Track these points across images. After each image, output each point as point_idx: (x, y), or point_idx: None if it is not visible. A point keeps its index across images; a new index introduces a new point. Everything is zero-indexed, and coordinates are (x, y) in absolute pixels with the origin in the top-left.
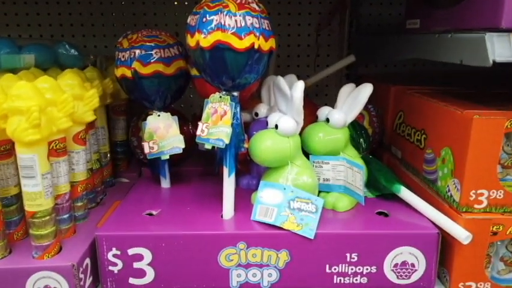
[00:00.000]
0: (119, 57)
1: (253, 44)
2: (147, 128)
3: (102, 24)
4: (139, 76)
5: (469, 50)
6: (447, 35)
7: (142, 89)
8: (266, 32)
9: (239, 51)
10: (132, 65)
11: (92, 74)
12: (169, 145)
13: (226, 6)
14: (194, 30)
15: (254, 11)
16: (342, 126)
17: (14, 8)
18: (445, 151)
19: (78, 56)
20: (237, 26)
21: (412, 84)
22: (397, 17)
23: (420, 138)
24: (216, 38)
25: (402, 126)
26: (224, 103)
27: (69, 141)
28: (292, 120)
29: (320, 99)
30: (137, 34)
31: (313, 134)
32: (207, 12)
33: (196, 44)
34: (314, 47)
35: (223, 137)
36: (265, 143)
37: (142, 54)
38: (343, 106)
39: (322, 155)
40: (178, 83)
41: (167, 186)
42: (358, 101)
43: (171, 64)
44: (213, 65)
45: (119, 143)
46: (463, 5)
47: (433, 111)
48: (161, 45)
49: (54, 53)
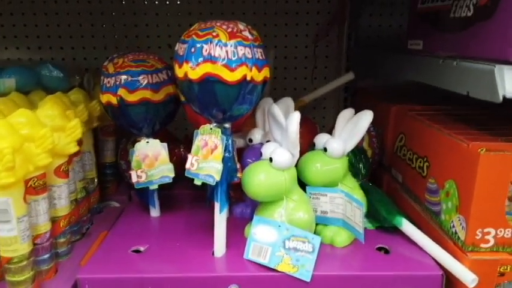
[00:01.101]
0: (104, 83)
1: (245, 76)
2: (135, 156)
3: (92, 36)
4: (125, 104)
5: (476, 82)
6: (453, 62)
7: (129, 117)
8: (259, 62)
9: (230, 84)
10: (117, 92)
11: (77, 96)
12: (158, 174)
13: (216, 35)
14: (182, 60)
15: (246, 40)
16: (341, 156)
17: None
18: (449, 184)
19: (63, 77)
20: (228, 57)
21: (413, 100)
22: (398, 29)
23: (422, 165)
24: (205, 70)
25: (403, 149)
26: (215, 136)
27: (50, 174)
28: (287, 153)
29: (318, 112)
30: (123, 58)
31: (310, 164)
32: (195, 41)
33: (185, 75)
34: (312, 58)
35: (213, 173)
36: (259, 176)
37: (128, 81)
38: (341, 134)
39: (320, 186)
40: (167, 109)
41: (156, 215)
42: (358, 130)
43: (160, 90)
44: (202, 97)
45: (108, 165)
46: (470, 31)
47: (436, 140)
48: (149, 71)
49: (37, 75)
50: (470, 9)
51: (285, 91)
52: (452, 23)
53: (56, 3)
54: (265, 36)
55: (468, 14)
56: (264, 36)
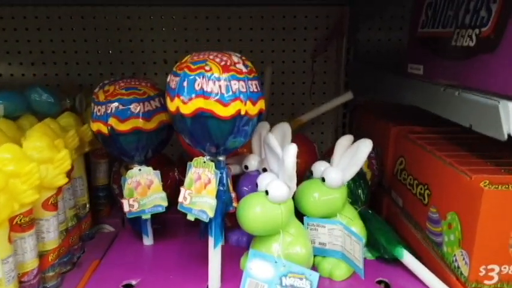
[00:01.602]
0: (95, 111)
1: (239, 110)
2: (127, 184)
3: (86, 51)
4: (116, 133)
5: (479, 116)
6: (455, 92)
7: (120, 145)
8: (254, 96)
9: (223, 119)
10: (108, 121)
11: (68, 120)
12: (150, 203)
13: (209, 69)
14: (174, 94)
15: (240, 74)
16: (339, 186)
17: None
18: (452, 216)
19: (53, 102)
20: (221, 92)
21: (413, 118)
22: (397, 43)
23: (423, 193)
24: (198, 105)
25: (403, 173)
26: (208, 170)
27: (38, 208)
28: (284, 187)
29: (316, 128)
30: (114, 86)
31: (307, 194)
32: (188, 75)
33: (176, 109)
34: (310, 74)
35: (207, 209)
36: (254, 210)
37: (119, 110)
38: (340, 162)
39: (318, 216)
40: (160, 137)
41: (150, 243)
42: (357, 159)
43: (152, 118)
44: (195, 131)
45: (101, 188)
46: (472, 61)
47: (438, 169)
48: (141, 99)
49: (26, 100)
50: (473, 40)
51: (282, 106)
52: (454, 51)
53: (48, 18)
54: (261, 51)
55: (470, 44)
56: (260, 51)
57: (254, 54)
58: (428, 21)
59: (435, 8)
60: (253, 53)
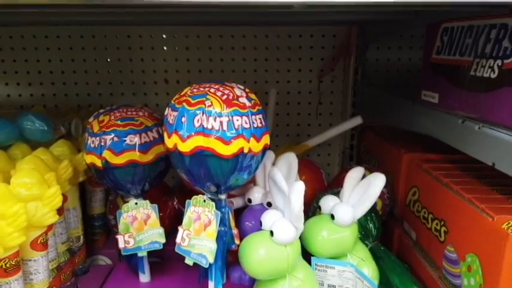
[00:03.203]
0: (89, 142)
1: (242, 149)
2: (122, 218)
3: (85, 71)
4: (110, 166)
5: (503, 154)
6: (475, 126)
7: (115, 179)
8: (258, 131)
9: (225, 158)
10: (102, 154)
11: (62, 149)
12: (147, 239)
13: (210, 104)
14: (172, 130)
15: (243, 108)
16: (350, 224)
17: None
18: (472, 258)
19: (46, 129)
20: (223, 128)
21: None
22: (407, 63)
23: (440, 229)
24: (197, 143)
25: (417, 205)
26: (209, 210)
27: (25, 248)
28: (290, 228)
29: (323, 149)
30: (109, 116)
31: (315, 232)
32: (186, 110)
33: (174, 146)
34: (316, 94)
35: (206, 253)
36: (258, 252)
37: (114, 142)
38: (350, 198)
39: (327, 256)
40: (157, 170)
41: (147, 280)
42: (369, 196)
43: (149, 151)
44: (193, 170)
45: (96, 217)
46: (493, 94)
47: (455, 205)
48: (137, 130)
49: (18, 128)
50: (495, 71)
51: (287, 127)
52: (473, 82)
53: (46, 38)
54: (266, 71)
55: (492, 75)
56: (265, 71)
57: (258, 74)
58: (444, 48)
59: (452, 34)
60: (258, 72)
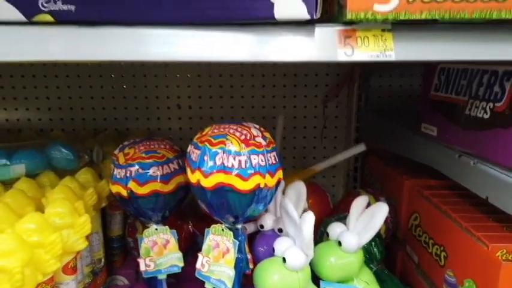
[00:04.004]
0: (115, 174)
1: (258, 184)
2: (143, 243)
3: (102, 97)
4: (135, 196)
5: (496, 189)
6: (470, 161)
7: (139, 207)
8: (273, 168)
9: (243, 193)
10: (127, 185)
11: (86, 177)
12: (166, 263)
13: (229, 144)
14: (195, 166)
15: (259, 147)
16: (356, 251)
17: (10, 81)
18: (469, 283)
19: (72, 158)
20: (241, 167)
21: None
22: (408, 89)
23: (440, 254)
24: (218, 180)
25: (418, 230)
26: (227, 238)
27: (58, 273)
28: (301, 255)
29: (327, 171)
30: (134, 149)
31: (324, 257)
32: (209, 149)
33: (197, 182)
34: (321, 118)
35: (225, 279)
36: (272, 277)
37: (139, 174)
38: (356, 226)
39: (334, 280)
40: (177, 198)
41: None
42: (373, 224)
43: (170, 181)
44: (214, 203)
45: (115, 238)
46: (486, 133)
47: (454, 233)
48: (160, 162)
49: (46, 157)
50: (487, 113)
51: (294, 150)
52: (468, 120)
53: (66, 65)
54: (273, 97)
55: (485, 116)
56: (272, 97)
57: (266, 100)
58: (441, 86)
59: (448, 74)
60: (266, 98)
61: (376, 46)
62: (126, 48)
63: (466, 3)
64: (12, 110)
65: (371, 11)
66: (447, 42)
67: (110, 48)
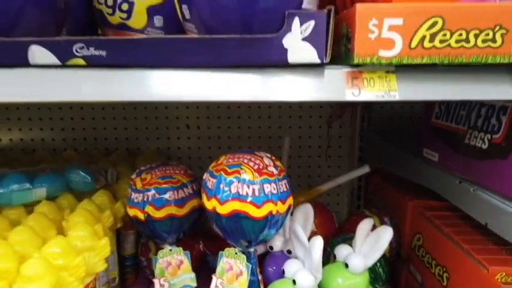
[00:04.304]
0: (132, 198)
1: (271, 211)
2: (158, 263)
3: (113, 118)
4: (151, 219)
5: (494, 216)
6: (470, 188)
7: (155, 230)
8: (284, 195)
9: (257, 219)
10: (145, 209)
11: (102, 199)
12: (180, 283)
13: (243, 172)
14: (211, 194)
15: (272, 176)
16: (362, 272)
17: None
18: None
19: (90, 181)
20: (255, 195)
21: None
22: (409, 110)
23: (442, 274)
24: (234, 207)
25: (421, 250)
26: (240, 262)
27: None
28: (310, 277)
29: (332, 189)
30: (151, 174)
31: (331, 279)
32: (224, 178)
33: (213, 208)
34: (325, 138)
35: None
36: None
37: (155, 198)
38: (362, 248)
39: None
40: (191, 221)
41: None
42: (378, 247)
43: (185, 205)
44: (229, 228)
45: (128, 257)
46: (485, 162)
47: (455, 255)
48: (175, 187)
49: (66, 181)
50: (485, 143)
51: (299, 168)
52: (467, 149)
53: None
54: (279, 117)
55: (483, 146)
56: (278, 117)
57: (272, 120)
58: (442, 114)
59: (448, 104)
60: (272, 118)
61: (381, 87)
62: (152, 89)
63: (464, 49)
64: (26, 130)
65: (376, 56)
66: (447, 84)
67: (137, 89)
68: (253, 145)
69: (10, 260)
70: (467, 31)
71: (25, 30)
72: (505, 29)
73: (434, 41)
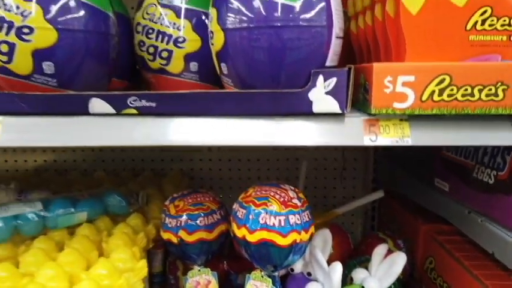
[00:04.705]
0: (166, 222)
1: (295, 240)
2: (188, 283)
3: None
4: (184, 243)
5: (500, 247)
6: (478, 218)
7: (186, 252)
8: (307, 225)
9: (282, 247)
10: (178, 233)
11: (136, 222)
12: None
13: (271, 205)
14: (241, 223)
15: (296, 208)
16: None
17: None
18: None
19: (125, 205)
20: (281, 225)
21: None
22: None
23: None
24: (262, 236)
25: (434, 273)
26: (266, 284)
27: None
28: None
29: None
30: (183, 201)
31: None
32: (253, 210)
33: (243, 237)
34: (340, 161)
35: None
36: None
37: (188, 224)
38: (377, 271)
39: None
40: (219, 244)
41: None
42: (393, 272)
43: (214, 230)
44: (257, 254)
45: (155, 275)
46: (492, 196)
47: (465, 280)
48: (205, 213)
49: (104, 205)
50: (492, 179)
51: (315, 189)
52: (475, 182)
53: None
54: None
55: (490, 181)
56: None
57: None
58: (452, 147)
59: None
60: None
61: (396, 133)
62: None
63: (469, 102)
64: (59, 152)
65: (391, 107)
66: (455, 131)
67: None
68: (271, 167)
69: (62, 280)
70: (472, 86)
71: (84, 79)
72: (506, 85)
73: (442, 95)
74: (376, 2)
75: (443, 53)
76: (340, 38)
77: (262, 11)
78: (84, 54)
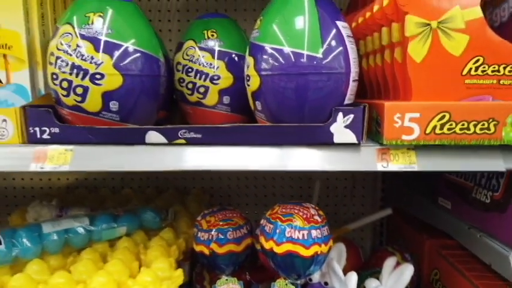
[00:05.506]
0: (198, 236)
1: (316, 252)
2: None
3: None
4: (215, 255)
5: (497, 259)
6: (477, 234)
7: (216, 263)
8: (326, 238)
9: (306, 258)
10: (210, 245)
11: (168, 235)
12: None
13: (295, 220)
14: (269, 237)
15: (317, 223)
16: None
17: None
18: None
19: (158, 220)
20: (305, 238)
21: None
22: None
23: None
24: (287, 248)
25: (439, 284)
26: None
27: None
28: None
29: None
30: (214, 217)
31: None
32: (280, 225)
33: (270, 249)
34: (350, 179)
35: None
36: None
37: (219, 237)
38: (388, 282)
39: None
40: (245, 255)
41: None
42: (402, 282)
43: (241, 243)
44: (283, 264)
45: (183, 285)
46: (489, 215)
47: None
48: (234, 228)
49: (140, 220)
50: (488, 198)
51: (326, 207)
52: (474, 202)
53: None
54: None
55: (486, 201)
56: None
57: None
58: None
59: None
60: None
61: (404, 160)
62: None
63: (466, 135)
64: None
65: (400, 139)
66: (455, 159)
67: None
68: (285, 184)
69: (112, 287)
70: (468, 122)
71: (140, 114)
72: (497, 121)
73: (443, 129)
74: (385, 48)
75: (444, 94)
76: (356, 81)
77: (291, 60)
78: (141, 93)
